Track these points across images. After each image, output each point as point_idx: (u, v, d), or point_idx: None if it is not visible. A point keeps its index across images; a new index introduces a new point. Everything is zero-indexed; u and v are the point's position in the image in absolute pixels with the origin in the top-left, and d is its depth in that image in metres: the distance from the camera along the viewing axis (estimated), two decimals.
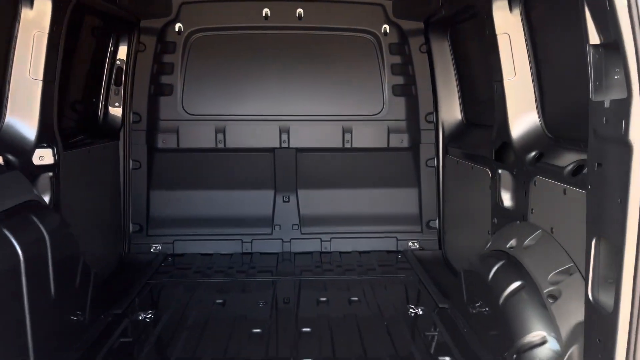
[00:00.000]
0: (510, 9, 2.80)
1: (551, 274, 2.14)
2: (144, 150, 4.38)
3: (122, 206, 4.28)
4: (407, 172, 4.49)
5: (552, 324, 2.04)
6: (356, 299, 3.44)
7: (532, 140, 2.74)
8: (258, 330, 2.92)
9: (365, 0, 4.36)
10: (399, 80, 4.45)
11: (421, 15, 4.24)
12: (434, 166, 4.43)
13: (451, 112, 4.26)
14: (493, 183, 3.12)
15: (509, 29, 2.80)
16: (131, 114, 4.32)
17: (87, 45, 3.93)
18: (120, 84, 4.20)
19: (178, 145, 4.38)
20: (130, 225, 4.34)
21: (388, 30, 4.38)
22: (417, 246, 4.41)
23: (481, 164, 3.38)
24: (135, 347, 2.77)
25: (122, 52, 4.20)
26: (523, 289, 2.25)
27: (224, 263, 4.15)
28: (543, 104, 2.80)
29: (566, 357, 1.89)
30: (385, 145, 4.45)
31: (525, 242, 2.43)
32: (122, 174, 4.28)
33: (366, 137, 4.45)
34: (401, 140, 4.47)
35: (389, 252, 4.39)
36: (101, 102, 4.16)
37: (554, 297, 2.08)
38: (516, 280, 2.31)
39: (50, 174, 2.92)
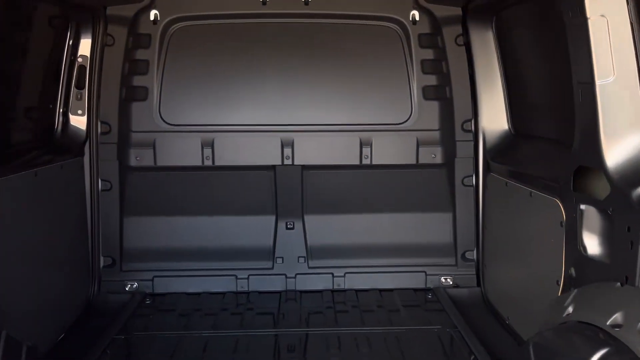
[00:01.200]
0: None
1: None
2: (115, 167, 3.60)
3: (89, 237, 3.55)
4: (439, 193, 3.75)
5: None
6: None
7: None
8: None
9: None
10: (431, 80, 3.66)
11: None
12: (472, 185, 3.66)
13: (495, 119, 3.50)
14: (569, 220, 2.33)
15: (607, 10, 1.95)
16: (99, 123, 3.54)
17: (37, 39, 3.10)
18: (84, 87, 3.44)
19: (155, 162, 3.61)
20: (101, 259, 3.61)
21: (417, 18, 3.59)
22: (451, 283, 3.71)
23: (546, 191, 2.60)
24: None
25: (85, 46, 3.42)
26: None
27: (215, 305, 3.48)
28: None
29: None
30: (413, 162, 3.67)
31: None
32: (89, 197, 3.53)
33: (389, 151, 3.67)
34: (433, 155, 3.69)
35: (416, 290, 3.68)
36: (59, 110, 3.37)
37: None
38: None
39: None
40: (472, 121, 3.61)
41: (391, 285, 3.68)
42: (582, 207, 2.21)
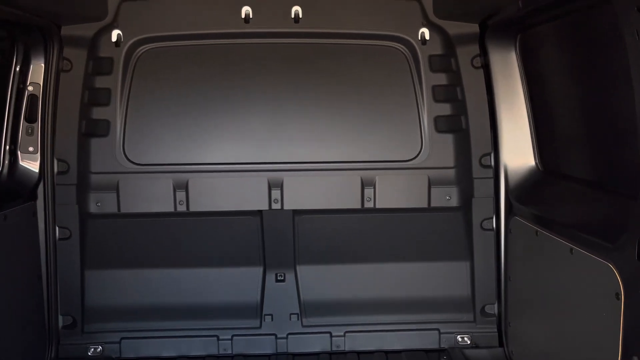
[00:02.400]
0: None
1: None
2: (75, 212, 3.22)
3: (44, 293, 3.15)
4: (454, 238, 3.38)
5: None
6: None
7: None
8: None
9: None
10: (444, 109, 3.27)
11: (477, 14, 3.10)
12: (493, 229, 3.29)
13: (519, 153, 3.12)
14: (630, 293, 1.89)
15: None
16: (55, 161, 3.15)
17: None
18: (36, 120, 3.05)
19: (119, 209, 3.23)
20: (59, 318, 3.24)
21: (427, 37, 3.20)
22: (469, 342, 3.33)
23: (593, 251, 2.17)
24: None
25: (37, 73, 3.03)
26: None
27: None
28: None
29: None
30: (424, 205, 3.29)
31: None
32: (44, 247, 3.14)
33: (396, 193, 3.30)
34: (448, 197, 3.31)
35: (427, 351, 3.32)
36: (4, 148, 2.96)
37: None
38: None
39: None
40: (492, 155, 3.23)
41: (399, 346, 3.36)
42: None
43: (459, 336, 3.35)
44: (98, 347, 3.29)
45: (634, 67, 1.78)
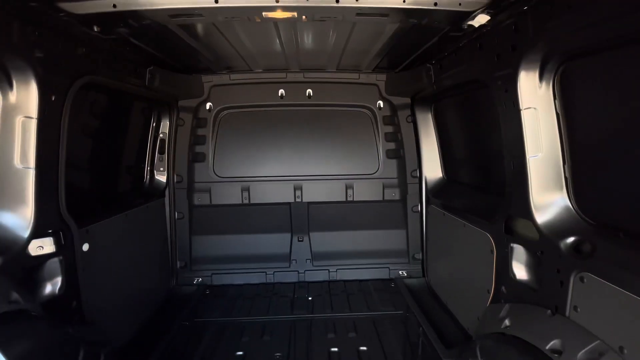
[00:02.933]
0: (540, 81, 1.53)
1: None
2: (186, 204, 3.19)
3: (169, 249, 3.14)
4: (397, 217, 3.32)
5: None
6: (364, 348, 2.26)
7: (565, 223, 1.51)
8: None
9: (363, 81, 3.18)
10: (392, 145, 3.27)
11: (408, 93, 3.11)
12: (418, 212, 3.25)
13: (433, 169, 3.11)
14: (500, 252, 1.89)
15: (537, 103, 1.55)
16: (174, 176, 3.14)
17: (134, 121, 2.79)
18: (164, 153, 3.05)
19: (211, 202, 3.21)
20: (177, 262, 3.21)
21: (382, 106, 3.22)
22: (406, 274, 3.28)
23: (478, 225, 2.17)
24: None
25: (164, 126, 3.04)
26: None
27: (252, 292, 3.06)
28: (575, 184, 1.53)
29: None
30: (380, 199, 3.28)
31: (581, 354, 1.22)
32: (169, 223, 3.13)
33: (365, 192, 3.28)
34: (393, 194, 3.29)
35: (383, 280, 3.25)
36: (147, 168, 2.98)
37: None
38: None
39: (56, 259, 1.70)
40: (418, 170, 3.21)
41: (367, 276, 3.28)
42: (513, 245, 1.76)
43: (400, 271, 3.31)
44: (199, 279, 3.24)
45: (502, 121, 1.77)
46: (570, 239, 1.45)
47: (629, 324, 1.13)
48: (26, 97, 1.52)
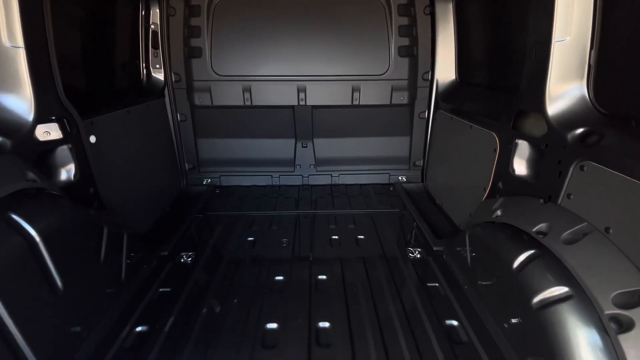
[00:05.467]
0: None
1: (615, 292, 1.04)
2: (187, 105, 3.07)
3: (176, 151, 3.16)
4: (403, 123, 3.20)
5: (614, 358, 0.99)
6: (362, 237, 2.44)
7: (577, 114, 1.44)
8: (280, 278, 1.98)
9: None
10: (405, 41, 2.93)
11: None
12: (425, 118, 3.13)
13: (446, 71, 2.86)
14: (503, 149, 1.87)
15: None
16: (172, 74, 2.94)
17: (121, 11, 2.47)
18: (158, 47, 2.79)
19: (212, 102, 3.04)
20: (186, 164, 3.26)
21: None
22: (405, 180, 3.34)
23: (484, 126, 2.11)
24: (172, 295, 1.84)
25: (155, 16, 2.72)
26: (570, 299, 1.12)
27: (259, 192, 3.19)
28: (598, 72, 1.41)
29: None
30: (387, 102, 3.09)
31: (565, 234, 1.27)
32: (172, 125, 3.07)
33: (372, 95, 3.06)
34: (402, 98, 3.09)
35: (382, 184, 3.34)
36: (142, 65, 2.78)
37: (620, 323, 1.01)
38: (559, 284, 1.16)
39: (65, 147, 1.72)
40: (430, 72, 2.97)
41: (368, 181, 3.35)
42: (518, 141, 1.74)
43: (399, 176, 3.36)
44: (208, 180, 3.31)
45: (532, 2, 1.56)
46: (579, 130, 1.41)
47: (620, 207, 1.17)
48: None
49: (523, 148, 1.73)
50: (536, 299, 1.23)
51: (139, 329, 1.63)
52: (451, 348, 1.49)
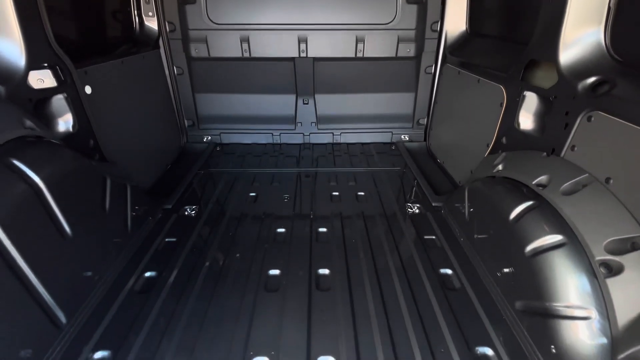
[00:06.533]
0: None
1: (608, 239, 1.06)
2: (183, 58, 2.94)
3: (175, 107, 3.07)
4: (408, 78, 3.07)
5: (601, 300, 1.03)
6: (362, 193, 2.46)
7: (591, 62, 1.35)
8: (282, 230, 2.02)
9: None
10: None
11: None
12: (431, 73, 2.99)
13: (456, 22, 2.68)
14: (510, 102, 1.81)
15: None
16: (166, 23, 2.77)
17: None
18: None
19: (209, 54, 2.91)
20: (185, 121, 3.19)
21: None
22: (407, 139, 3.29)
23: (492, 79, 2.03)
24: (178, 245, 1.90)
25: None
26: (563, 247, 1.14)
27: (260, 150, 3.16)
28: (617, 15, 1.31)
29: (627, 353, 0.92)
30: (393, 55, 2.93)
31: (565, 185, 1.27)
32: (169, 79, 2.95)
33: (377, 46, 2.90)
34: (408, 50, 2.93)
35: (384, 143, 3.30)
36: (134, 12, 2.61)
37: (609, 268, 1.03)
38: (553, 233, 1.19)
39: (61, 96, 1.67)
40: (439, 23, 2.78)
41: (369, 140, 3.30)
42: (526, 93, 1.68)
43: (402, 135, 3.30)
44: (208, 137, 3.27)
45: None
46: (591, 79, 1.34)
47: (624, 157, 1.15)
48: None
49: (531, 100, 1.67)
50: (529, 247, 1.27)
51: (147, 274, 1.71)
52: (444, 293, 1.57)
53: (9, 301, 1.16)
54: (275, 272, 1.72)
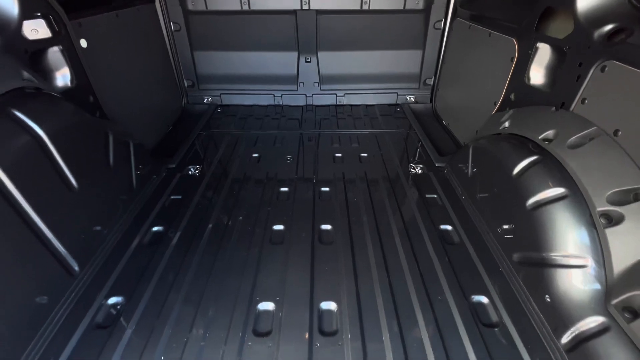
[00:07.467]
0: None
1: (611, 191, 1.05)
2: (180, 12, 2.78)
3: (173, 66, 2.97)
4: (415, 34, 2.90)
5: (598, 249, 1.03)
6: (365, 154, 2.44)
7: (609, 8, 1.26)
8: (285, 189, 2.03)
9: None
10: None
11: None
12: (441, 28, 2.83)
13: None
14: (521, 56, 1.72)
15: None
16: None
17: None
18: None
19: (206, 7, 2.74)
20: (184, 81, 3.10)
21: None
22: (413, 100, 3.18)
23: (504, 32, 1.91)
24: (184, 201, 1.93)
25: None
26: (564, 199, 1.14)
27: (261, 112, 3.10)
28: None
29: (620, 298, 0.95)
30: (401, 7, 2.75)
31: (571, 139, 1.23)
32: (166, 36, 2.82)
33: None
34: (417, 2, 2.75)
35: (389, 105, 3.20)
36: None
37: (610, 219, 1.03)
38: (555, 186, 1.18)
39: (57, 48, 1.61)
40: None
41: (374, 101, 3.20)
42: (539, 44, 1.59)
43: (407, 97, 3.21)
44: (209, 98, 3.21)
45: None
46: (608, 27, 1.26)
47: (636, 107, 1.11)
48: None
49: (543, 53, 1.60)
50: (531, 201, 1.27)
51: (155, 228, 1.76)
52: (443, 247, 1.61)
53: (23, 250, 1.20)
54: (279, 227, 1.76)
